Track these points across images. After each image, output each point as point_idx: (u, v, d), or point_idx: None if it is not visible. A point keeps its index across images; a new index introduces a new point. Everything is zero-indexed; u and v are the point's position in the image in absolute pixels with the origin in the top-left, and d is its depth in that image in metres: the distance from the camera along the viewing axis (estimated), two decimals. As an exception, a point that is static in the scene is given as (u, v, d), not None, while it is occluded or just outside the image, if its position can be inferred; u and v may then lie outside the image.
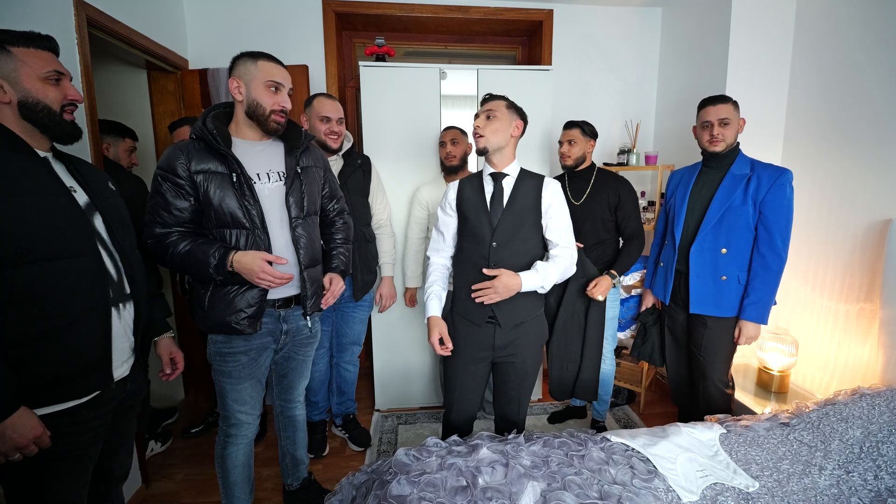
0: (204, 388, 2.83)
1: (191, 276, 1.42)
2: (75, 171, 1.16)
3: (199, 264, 1.34)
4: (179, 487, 2.05)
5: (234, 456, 1.57)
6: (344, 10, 2.75)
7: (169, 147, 1.40)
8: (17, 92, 1.02)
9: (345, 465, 2.20)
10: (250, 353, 1.49)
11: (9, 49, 1.01)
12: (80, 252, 1.06)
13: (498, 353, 1.63)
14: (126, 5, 2.09)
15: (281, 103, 1.41)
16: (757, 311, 1.82)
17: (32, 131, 1.06)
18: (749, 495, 1.28)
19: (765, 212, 1.81)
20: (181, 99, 2.63)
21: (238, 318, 1.40)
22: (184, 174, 1.35)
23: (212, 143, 1.36)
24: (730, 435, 1.54)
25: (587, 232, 2.14)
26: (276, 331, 1.53)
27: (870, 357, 1.95)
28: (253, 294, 1.41)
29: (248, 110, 1.41)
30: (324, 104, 1.97)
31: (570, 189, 2.24)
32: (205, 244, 1.36)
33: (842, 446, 1.46)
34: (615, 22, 2.97)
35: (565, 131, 2.20)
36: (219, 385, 1.52)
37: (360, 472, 1.50)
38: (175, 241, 1.35)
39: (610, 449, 1.43)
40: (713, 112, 1.85)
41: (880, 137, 1.93)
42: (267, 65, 1.40)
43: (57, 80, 1.07)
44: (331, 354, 2.31)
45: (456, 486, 1.24)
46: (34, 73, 1.03)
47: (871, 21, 1.97)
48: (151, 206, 1.37)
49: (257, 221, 1.40)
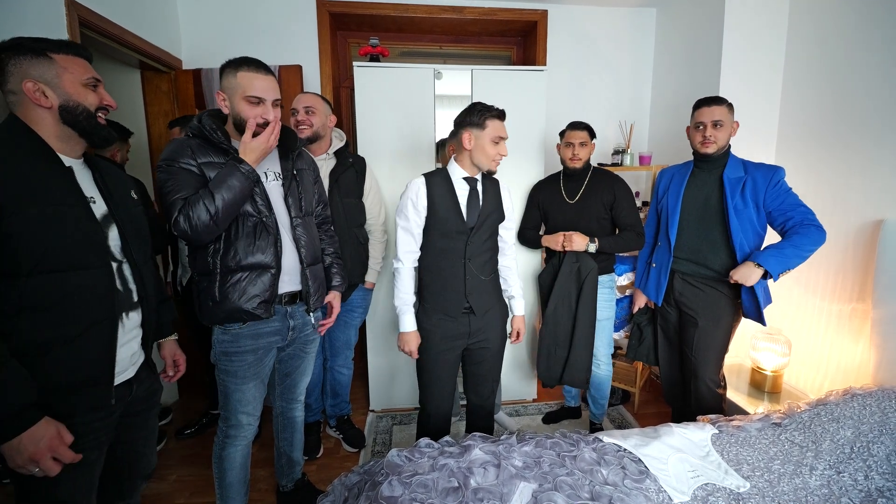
0: (197, 390, 2.82)
1: (234, 209, 1.35)
2: (100, 179, 1.16)
3: (232, 187, 1.31)
4: (173, 488, 2.05)
5: (233, 457, 1.57)
6: (338, 10, 2.75)
7: (170, 142, 1.38)
8: (59, 97, 1.04)
9: (339, 466, 2.20)
10: (258, 353, 1.50)
11: (51, 56, 1.03)
12: (91, 264, 1.07)
13: (472, 339, 1.75)
14: (119, 6, 2.09)
15: (263, 116, 1.37)
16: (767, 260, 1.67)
17: (70, 136, 1.08)
18: (740, 496, 1.28)
19: (776, 205, 1.77)
20: (175, 99, 2.62)
21: (253, 303, 1.41)
22: (194, 163, 1.34)
23: (212, 137, 1.37)
24: (721, 435, 1.55)
25: (581, 230, 2.14)
26: (283, 328, 1.54)
27: (862, 357, 1.96)
28: (265, 279, 1.42)
29: (234, 122, 1.40)
30: (295, 98, 2.00)
31: (564, 188, 2.25)
32: (217, 179, 1.32)
33: (833, 446, 1.46)
34: (609, 23, 2.98)
35: (574, 132, 2.16)
36: (223, 385, 1.51)
37: (353, 472, 1.50)
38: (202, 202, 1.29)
39: (602, 449, 1.43)
40: (707, 113, 1.85)
41: (872, 139, 1.94)
42: (246, 76, 1.35)
43: (94, 86, 1.10)
44: (324, 358, 2.31)
45: (447, 487, 1.24)
46: (76, 78, 1.06)
47: (864, 23, 1.98)
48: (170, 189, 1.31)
49: (264, 209, 1.42)
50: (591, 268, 2.10)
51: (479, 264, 1.71)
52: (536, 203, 2.34)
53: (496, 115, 1.63)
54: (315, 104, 1.99)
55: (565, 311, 2.13)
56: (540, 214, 2.35)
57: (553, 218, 2.26)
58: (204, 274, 1.41)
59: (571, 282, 2.09)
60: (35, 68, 1.02)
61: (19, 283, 0.96)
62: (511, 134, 2.41)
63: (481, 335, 1.75)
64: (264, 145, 1.36)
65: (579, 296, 2.09)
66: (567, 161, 2.19)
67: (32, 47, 1.02)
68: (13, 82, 1.01)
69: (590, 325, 2.12)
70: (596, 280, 2.12)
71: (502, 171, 2.32)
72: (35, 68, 1.02)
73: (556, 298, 2.12)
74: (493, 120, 1.62)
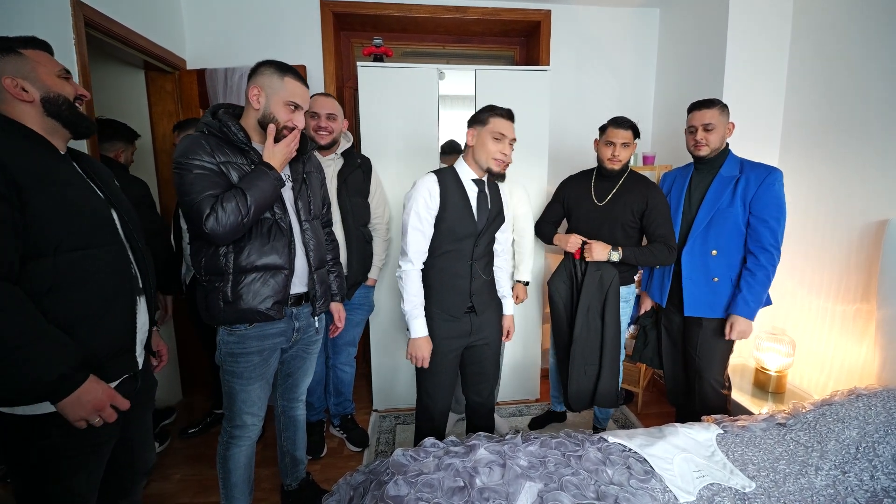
0: (201, 389, 2.83)
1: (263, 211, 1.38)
2: (88, 169, 1.18)
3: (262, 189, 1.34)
4: (177, 488, 2.05)
5: (237, 457, 1.58)
6: (342, 10, 2.75)
7: (184, 138, 1.37)
8: (39, 90, 1.06)
9: (343, 466, 2.20)
10: (263, 353, 1.50)
11: (21, 52, 1.05)
12: (106, 241, 1.12)
13: (473, 338, 1.77)
14: (124, 5, 2.09)
15: (295, 121, 1.42)
16: (745, 308, 1.81)
17: (55, 127, 1.10)
18: (745, 496, 1.28)
19: (754, 210, 1.82)
20: (179, 99, 2.63)
21: (267, 304, 1.42)
22: (212, 161, 1.34)
23: (234, 139, 1.38)
24: (727, 435, 1.55)
25: (604, 236, 2.02)
26: (288, 329, 1.55)
27: (866, 357, 1.96)
28: (278, 280, 1.44)
29: (261, 119, 1.41)
30: (312, 101, 1.96)
31: (595, 187, 2.10)
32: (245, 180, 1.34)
33: (838, 447, 1.46)
34: (613, 23, 2.97)
35: (617, 130, 1.97)
36: (228, 386, 1.52)
37: (358, 472, 1.50)
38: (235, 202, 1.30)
39: (607, 449, 1.43)
40: (698, 117, 1.87)
41: (877, 139, 1.94)
42: (293, 84, 1.41)
43: (66, 77, 1.12)
44: (326, 356, 2.32)
45: (453, 487, 1.24)
46: (50, 70, 1.08)
47: (868, 22, 1.97)
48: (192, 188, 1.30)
49: (278, 210, 1.44)
50: (613, 276, 1.99)
51: (483, 265, 1.74)
52: (561, 199, 2.21)
53: (501, 113, 1.63)
54: (336, 111, 2.02)
55: (593, 328, 2.00)
56: (563, 210, 2.23)
57: (576, 218, 2.13)
58: (215, 274, 1.40)
59: (595, 295, 1.96)
60: (9, 65, 1.04)
61: (47, 262, 1.00)
62: (514, 134, 2.44)
63: (481, 333, 1.77)
64: (287, 151, 1.40)
65: (604, 309, 1.97)
66: (605, 161, 2.02)
67: (1, 45, 1.04)
68: None
69: (616, 339, 2.01)
70: (618, 289, 2.01)
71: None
72: (9, 65, 1.04)
73: (582, 316, 1.98)
74: (497, 117, 1.62)
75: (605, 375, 2.03)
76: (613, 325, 2.01)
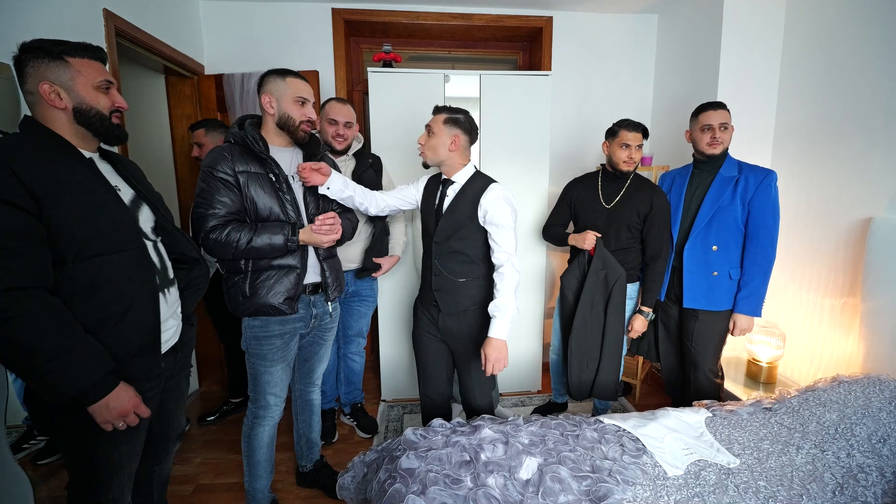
0: (218, 378, 2.95)
1: (257, 258, 1.55)
2: (122, 169, 1.27)
3: (271, 247, 1.50)
4: (198, 470, 2.17)
5: (261, 436, 1.71)
6: (352, 17, 2.87)
7: (213, 149, 1.54)
8: (73, 99, 1.11)
9: (353, 451, 2.31)
10: (284, 337, 1.64)
11: (66, 59, 1.10)
12: (128, 246, 1.16)
13: (445, 337, 1.83)
14: (149, 15, 2.22)
15: (308, 115, 1.58)
16: (750, 305, 1.96)
17: (84, 134, 1.16)
18: (730, 470, 1.39)
19: (753, 211, 1.93)
20: (198, 102, 2.75)
21: (279, 299, 1.56)
22: (231, 172, 1.50)
23: (254, 147, 1.52)
24: (715, 418, 1.65)
25: (610, 237, 2.10)
26: (307, 316, 1.69)
27: (852, 349, 2.06)
28: (291, 278, 1.58)
29: (279, 122, 1.57)
30: (332, 108, 2.10)
31: (602, 191, 2.17)
32: (265, 230, 1.50)
33: (818, 428, 1.56)
34: (613, 29, 3.08)
35: (632, 133, 2.03)
36: (253, 368, 1.65)
37: (371, 451, 1.62)
38: (236, 236, 1.47)
39: (602, 430, 1.54)
40: (715, 116, 1.95)
41: (863, 142, 2.04)
42: (294, 81, 1.56)
43: (107, 88, 1.17)
44: (338, 346, 2.43)
45: (460, 461, 1.35)
46: (89, 82, 1.13)
47: (858, 29, 2.07)
48: (204, 200, 1.49)
49: (292, 213, 1.58)
50: (620, 274, 2.03)
51: (448, 266, 1.75)
52: (568, 201, 2.27)
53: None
54: (353, 119, 2.14)
55: (594, 322, 2.05)
56: (570, 212, 2.28)
57: (584, 219, 2.19)
58: (235, 272, 1.58)
59: (599, 290, 2.01)
60: (52, 71, 1.08)
61: (67, 269, 1.05)
62: (516, 137, 2.57)
63: (449, 337, 1.81)
64: (319, 239, 1.56)
65: (607, 305, 2.03)
66: (619, 163, 2.06)
67: (51, 50, 1.08)
68: (31, 83, 1.08)
69: (619, 334, 2.07)
70: (625, 287, 2.06)
71: (507, 175, 2.45)
72: (52, 71, 1.08)
73: (584, 308, 2.04)
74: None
75: (604, 369, 2.09)
76: (617, 322, 2.07)
